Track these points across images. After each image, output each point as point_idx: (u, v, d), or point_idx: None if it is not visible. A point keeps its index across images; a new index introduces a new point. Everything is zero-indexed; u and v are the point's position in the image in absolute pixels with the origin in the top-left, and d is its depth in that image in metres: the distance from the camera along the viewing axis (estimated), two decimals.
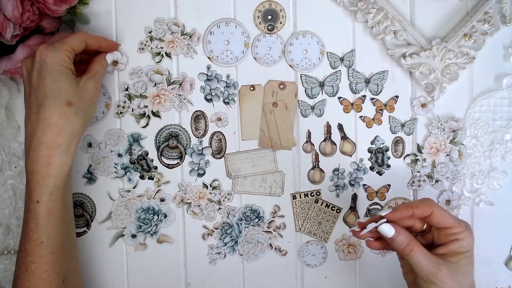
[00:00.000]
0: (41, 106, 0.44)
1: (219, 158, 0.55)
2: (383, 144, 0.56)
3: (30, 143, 0.44)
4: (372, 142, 0.56)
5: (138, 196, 0.55)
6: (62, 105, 0.44)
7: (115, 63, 0.52)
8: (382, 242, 0.44)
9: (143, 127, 0.54)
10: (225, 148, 0.55)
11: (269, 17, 0.54)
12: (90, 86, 0.47)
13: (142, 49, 0.54)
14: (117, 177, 0.55)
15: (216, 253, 0.56)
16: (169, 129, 0.55)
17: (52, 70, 0.44)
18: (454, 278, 0.42)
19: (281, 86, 0.55)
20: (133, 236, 0.55)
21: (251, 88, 0.55)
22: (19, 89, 0.53)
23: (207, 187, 0.55)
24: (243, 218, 0.56)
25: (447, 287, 0.42)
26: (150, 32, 0.54)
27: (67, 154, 0.45)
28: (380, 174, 0.56)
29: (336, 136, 0.56)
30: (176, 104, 0.54)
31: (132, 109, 0.54)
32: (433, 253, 0.43)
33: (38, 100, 0.44)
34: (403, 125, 0.56)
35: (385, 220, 0.42)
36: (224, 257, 0.56)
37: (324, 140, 0.56)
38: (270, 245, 0.56)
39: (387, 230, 0.42)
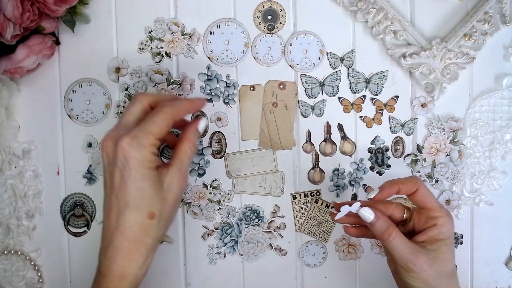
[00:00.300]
0: (121, 215, 0.39)
1: (219, 158, 0.55)
2: (383, 144, 0.56)
3: (107, 248, 0.40)
4: (372, 142, 0.56)
5: None
6: (144, 217, 0.39)
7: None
8: (361, 229, 0.44)
9: None
10: (225, 148, 0.55)
11: (269, 17, 0.54)
12: (175, 187, 0.40)
13: (142, 49, 0.54)
14: None
15: (216, 253, 0.56)
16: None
17: (136, 176, 0.38)
18: (432, 266, 0.41)
19: (281, 86, 0.55)
20: None
21: (251, 88, 0.55)
22: (19, 89, 0.53)
23: (207, 187, 0.55)
24: (243, 218, 0.56)
25: (425, 274, 0.41)
26: (150, 32, 0.54)
27: (142, 268, 0.41)
28: (380, 174, 0.56)
29: (336, 136, 0.56)
30: None
31: None
32: (413, 241, 0.43)
33: (119, 205, 0.39)
34: (403, 125, 0.56)
35: (359, 204, 0.42)
36: (224, 257, 0.56)
37: (324, 140, 0.56)
38: (270, 245, 0.56)
39: (367, 214, 0.42)
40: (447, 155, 0.56)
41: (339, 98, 0.55)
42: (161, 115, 0.40)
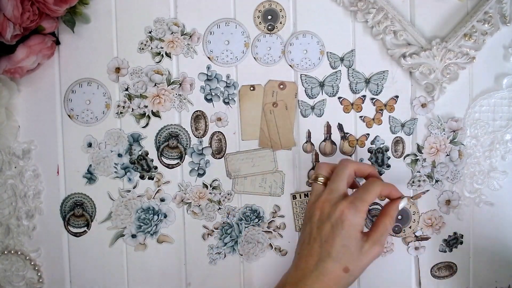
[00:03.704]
0: (321, 262, 0.45)
1: (219, 158, 0.55)
2: (383, 144, 0.56)
3: (298, 281, 0.45)
4: (372, 142, 0.56)
5: (138, 196, 0.55)
6: (340, 269, 0.44)
7: None
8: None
9: (143, 127, 0.54)
10: (225, 148, 0.55)
11: (269, 17, 0.54)
12: (372, 253, 0.45)
13: (142, 49, 0.54)
14: (117, 177, 0.55)
15: (216, 253, 0.56)
16: (169, 129, 0.55)
17: (346, 234, 0.44)
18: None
19: (281, 86, 0.55)
20: (133, 236, 0.55)
21: (251, 88, 0.55)
22: (19, 89, 0.53)
23: (207, 187, 0.55)
24: (243, 218, 0.56)
25: None
26: (150, 32, 0.54)
27: None
28: (380, 174, 0.56)
29: (336, 136, 0.56)
30: (176, 104, 0.54)
31: (132, 109, 0.54)
32: None
33: (321, 254, 0.45)
34: (403, 125, 0.56)
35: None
36: (224, 257, 0.56)
37: (324, 140, 0.56)
38: (270, 245, 0.56)
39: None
40: (447, 155, 0.56)
41: (339, 98, 0.55)
42: (374, 187, 0.46)
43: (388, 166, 0.56)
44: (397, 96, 0.55)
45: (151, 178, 0.55)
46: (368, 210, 0.56)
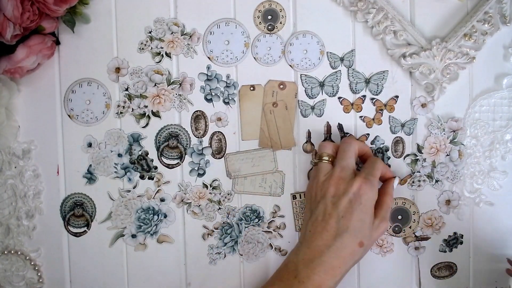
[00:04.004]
0: (338, 236, 0.46)
1: (219, 158, 0.55)
2: (383, 144, 0.56)
3: (312, 260, 0.46)
4: (372, 142, 0.56)
5: (138, 196, 0.55)
6: (356, 244, 0.46)
7: None
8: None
9: (143, 127, 0.55)
10: (225, 148, 0.55)
11: (269, 17, 0.54)
12: (382, 228, 0.48)
13: (142, 49, 0.54)
14: (117, 177, 0.55)
15: (216, 253, 0.56)
16: (169, 129, 0.55)
17: (363, 209, 0.46)
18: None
19: (281, 86, 0.55)
20: (133, 236, 0.55)
21: (251, 88, 0.55)
22: (19, 89, 0.53)
23: (207, 187, 0.55)
24: (243, 218, 0.56)
25: None
26: (150, 32, 0.54)
27: (336, 284, 0.46)
28: None
29: (336, 136, 0.56)
30: (176, 104, 0.54)
31: (132, 109, 0.54)
32: None
33: (339, 229, 0.46)
34: (403, 125, 0.56)
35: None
36: (224, 257, 0.56)
37: (324, 140, 0.56)
38: (270, 245, 0.56)
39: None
40: (447, 155, 0.56)
41: (339, 98, 0.55)
42: (379, 165, 0.50)
43: (388, 166, 0.56)
44: (397, 96, 0.55)
45: (151, 178, 0.55)
46: None
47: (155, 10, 0.54)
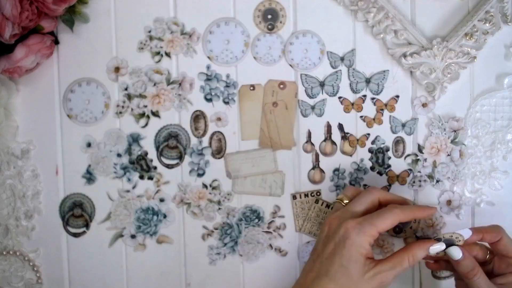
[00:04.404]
0: (318, 279, 0.43)
1: (219, 158, 0.55)
2: (384, 144, 0.56)
3: None
4: (373, 142, 0.56)
5: (138, 196, 0.55)
6: None
7: None
8: (441, 263, 0.47)
9: (142, 127, 0.54)
10: (225, 148, 0.55)
11: (269, 16, 0.54)
12: (375, 281, 0.42)
13: (142, 48, 0.54)
14: (116, 177, 0.54)
15: (216, 254, 0.56)
16: (168, 129, 0.54)
17: (346, 254, 0.42)
18: None
19: (281, 86, 0.55)
20: (133, 236, 0.55)
21: (251, 88, 0.55)
22: (18, 88, 0.53)
23: (206, 187, 0.55)
24: (243, 219, 0.56)
25: None
26: (149, 32, 0.53)
27: None
28: (381, 174, 0.56)
29: (336, 136, 0.55)
30: (176, 104, 0.54)
31: (132, 109, 0.54)
32: (493, 281, 0.45)
33: (320, 271, 0.43)
34: (403, 125, 0.56)
35: (444, 245, 0.44)
36: (224, 257, 0.56)
37: (324, 140, 0.55)
38: (270, 245, 0.56)
39: (456, 252, 0.44)
40: (448, 155, 0.56)
41: (340, 97, 0.55)
42: (390, 214, 0.43)
43: (389, 166, 0.56)
44: (397, 96, 0.55)
45: (150, 178, 0.55)
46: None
47: (154, 10, 0.53)
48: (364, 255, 0.42)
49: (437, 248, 0.43)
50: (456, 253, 0.44)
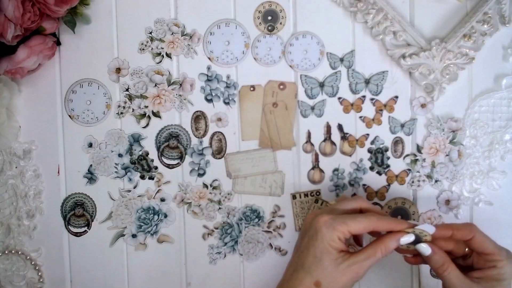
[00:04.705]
0: (296, 272, 0.45)
1: (219, 158, 0.55)
2: (383, 144, 0.56)
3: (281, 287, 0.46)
4: (372, 142, 0.56)
5: (139, 196, 0.55)
6: (311, 282, 0.43)
7: None
8: (419, 258, 0.47)
9: (143, 127, 0.55)
10: (225, 148, 0.55)
11: (269, 17, 0.54)
12: (350, 272, 0.43)
13: (143, 49, 0.54)
14: (117, 177, 0.55)
15: (216, 253, 0.56)
16: (169, 129, 0.55)
17: (318, 246, 0.43)
18: None
19: (281, 87, 0.55)
20: (134, 236, 0.55)
21: (251, 89, 0.55)
22: (20, 89, 0.53)
23: (207, 187, 0.55)
24: (243, 218, 0.56)
25: None
26: (150, 33, 0.54)
27: None
28: (380, 174, 0.56)
29: (336, 136, 0.56)
30: (177, 105, 0.54)
31: (133, 109, 0.54)
32: (469, 276, 0.45)
33: (297, 265, 0.45)
34: (402, 125, 0.56)
35: (413, 237, 0.45)
36: (224, 257, 0.56)
37: (324, 140, 0.56)
38: (270, 245, 0.56)
39: (424, 248, 0.44)
40: (447, 155, 0.56)
41: (339, 98, 0.56)
42: (365, 219, 0.44)
43: (388, 166, 0.56)
44: (396, 97, 0.56)
45: (151, 178, 0.55)
46: None
47: (155, 11, 0.54)
48: (335, 248, 0.43)
49: (407, 239, 0.44)
50: (424, 249, 0.44)
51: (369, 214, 0.45)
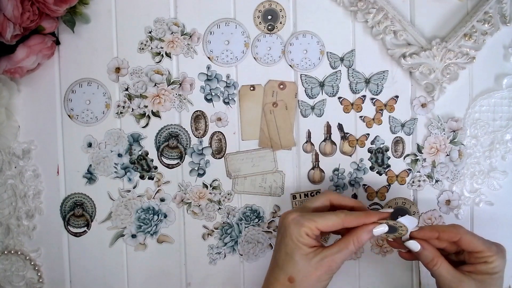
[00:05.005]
0: (271, 271, 0.46)
1: (219, 158, 0.55)
2: (383, 144, 0.56)
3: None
4: (372, 142, 0.56)
5: (138, 196, 0.55)
6: (285, 278, 0.44)
7: None
8: (411, 254, 0.47)
9: (143, 127, 0.55)
10: (225, 148, 0.55)
11: (269, 17, 0.54)
12: (322, 265, 0.43)
13: (142, 49, 0.54)
14: (117, 177, 0.55)
15: (216, 253, 0.56)
16: (169, 129, 0.55)
17: (288, 243, 0.44)
18: None
19: (281, 86, 0.55)
20: (133, 236, 0.55)
21: (251, 88, 0.55)
22: (19, 89, 0.53)
23: (207, 187, 0.55)
24: (243, 218, 0.56)
25: None
26: (150, 32, 0.54)
27: None
28: (380, 174, 0.56)
29: (336, 136, 0.56)
30: (176, 104, 0.54)
31: (132, 109, 0.54)
32: (460, 270, 0.45)
33: (273, 263, 0.46)
34: (403, 125, 0.56)
35: (408, 236, 0.45)
36: (224, 257, 0.56)
37: (324, 140, 0.56)
38: (270, 245, 0.56)
39: (413, 245, 0.45)
40: (447, 155, 0.56)
41: (339, 98, 0.55)
42: (333, 216, 0.44)
43: (388, 166, 0.56)
44: (397, 96, 0.55)
45: (151, 178, 0.55)
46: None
47: (155, 10, 0.54)
48: (304, 244, 0.44)
49: (380, 230, 0.44)
50: (414, 246, 0.45)
51: (339, 211, 0.45)
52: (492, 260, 0.44)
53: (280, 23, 0.54)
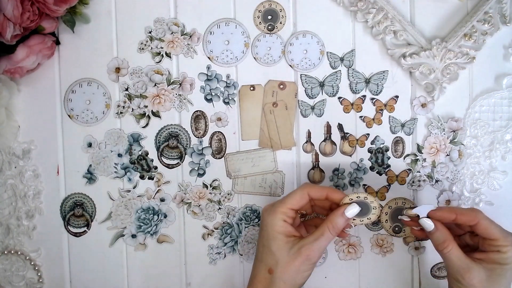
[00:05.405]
0: (255, 264, 0.47)
1: (219, 158, 0.55)
2: (383, 144, 0.56)
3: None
4: (372, 142, 0.56)
5: (138, 196, 0.55)
6: (265, 270, 0.45)
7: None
8: (424, 232, 0.47)
9: (143, 127, 0.55)
10: (225, 148, 0.55)
11: (269, 17, 0.54)
12: (300, 255, 0.44)
13: (142, 49, 0.54)
14: (117, 177, 0.55)
15: (216, 253, 0.56)
16: (169, 129, 0.55)
17: (265, 234, 0.45)
18: (483, 283, 0.44)
19: (281, 86, 0.55)
20: (133, 236, 0.55)
21: (251, 88, 0.55)
22: (19, 89, 0.53)
23: (207, 187, 0.55)
24: (243, 218, 0.56)
25: None
26: (150, 32, 0.54)
27: None
28: (380, 174, 0.56)
29: (336, 136, 0.56)
30: (176, 104, 0.54)
31: (132, 109, 0.54)
32: (471, 256, 0.45)
33: (255, 257, 0.48)
34: (403, 125, 0.56)
35: (426, 215, 0.46)
36: (224, 257, 0.56)
37: (324, 140, 0.56)
38: None
39: (427, 224, 0.45)
40: (447, 155, 0.56)
41: (339, 98, 0.55)
42: (298, 190, 0.46)
43: (388, 166, 0.56)
44: (397, 96, 0.55)
45: (151, 178, 0.55)
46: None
47: (155, 10, 0.54)
48: (280, 232, 0.44)
49: (352, 211, 0.44)
50: (428, 225, 0.45)
51: (304, 183, 0.47)
52: (506, 250, 0.44)
53: (280, 23, 0.54)
